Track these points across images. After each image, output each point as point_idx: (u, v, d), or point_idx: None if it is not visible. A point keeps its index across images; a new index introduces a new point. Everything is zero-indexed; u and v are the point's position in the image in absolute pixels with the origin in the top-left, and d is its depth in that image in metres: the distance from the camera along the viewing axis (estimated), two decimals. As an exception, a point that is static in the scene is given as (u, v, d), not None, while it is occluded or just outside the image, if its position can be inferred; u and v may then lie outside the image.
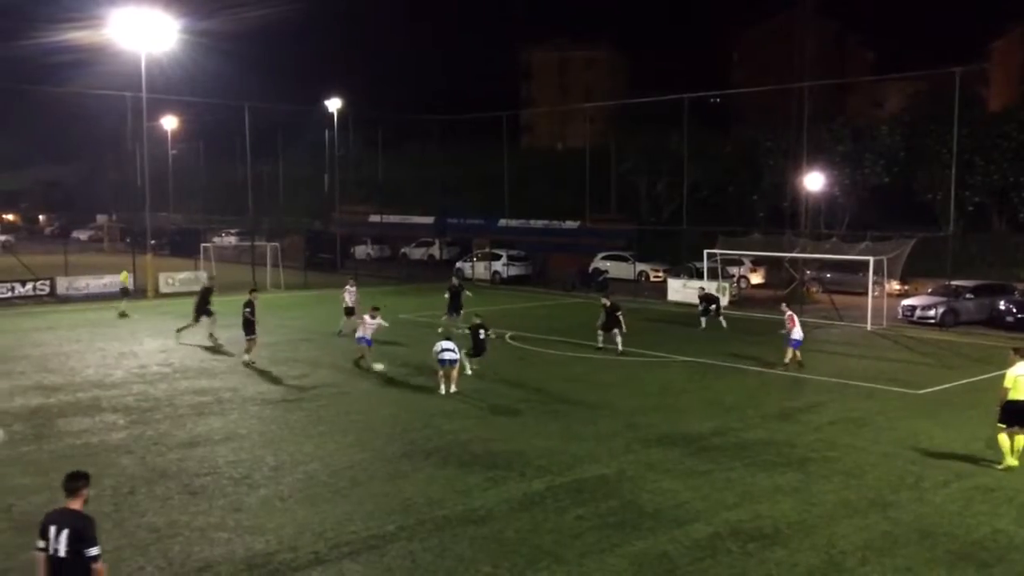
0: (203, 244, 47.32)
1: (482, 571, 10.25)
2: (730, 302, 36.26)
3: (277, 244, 46.45)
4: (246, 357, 22.97)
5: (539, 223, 58.12)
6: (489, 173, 66.02)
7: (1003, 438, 14.35)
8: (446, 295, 29.48)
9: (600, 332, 25.68)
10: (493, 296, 40.42)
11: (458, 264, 50.91)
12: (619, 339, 25.09)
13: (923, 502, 12.77)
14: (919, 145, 47.17)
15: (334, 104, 54.68)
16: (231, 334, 25.28)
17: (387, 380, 21.01)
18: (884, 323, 31.51)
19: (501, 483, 13.40)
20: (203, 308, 26.33)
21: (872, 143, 49.78)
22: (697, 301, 31.42)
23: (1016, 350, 14.69)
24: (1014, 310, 31.03)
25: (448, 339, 19.83)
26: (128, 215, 74.70)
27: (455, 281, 30.48)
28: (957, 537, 11.34)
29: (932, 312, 31.83)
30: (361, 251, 60.82)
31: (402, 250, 61.18)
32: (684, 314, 34.32)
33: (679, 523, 11.80)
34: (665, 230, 51.79)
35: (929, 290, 34.12)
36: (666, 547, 10.99)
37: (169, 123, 72.23)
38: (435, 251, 59.26)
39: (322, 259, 52.59)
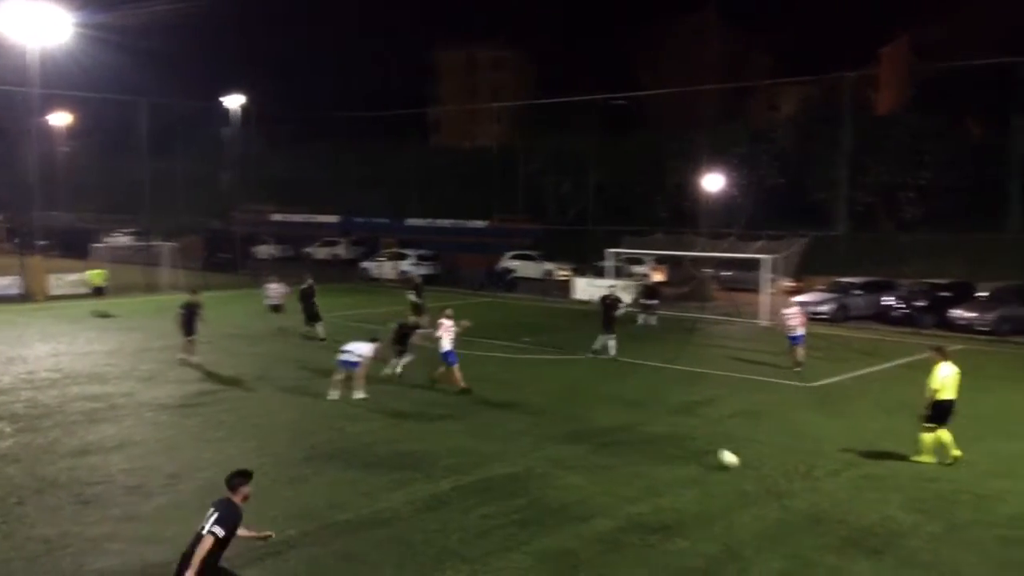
0: (94, 244, 45.56)
1: (386, 573, 10.18)
2: (633, 300, 36.93)
3: (175, 244, 45.11)
4: (184, 356, 22.38)
5: (447, 222, 58.05)
6: (397, 172, 65.64)
7: (928, 438, 14.54)
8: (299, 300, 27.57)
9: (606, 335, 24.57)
10: (401, 296, 40.15)
11: (363, 264, 50.42)
12: (611, 344, 24.43)
13: (816, 491, 13.26)
14: (812, 147, 48.94)
15: (235, 100, 53.37)
16: (134, 337, 24.37)
17: (289, 385, 20.63)
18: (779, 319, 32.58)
19: (407, 484, 13.31)
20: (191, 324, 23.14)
21: (768, 145, 51.43)
22: (598, 300, 31.61)
23: (937, 350, 15.05)
24: (900, 305, 32.49)
25: (373, 340, 19.34)
26: (14, 214, 71.31)
27: (308, 283, 27.59)
28: (848, 524, 11.81)
29: (824, 308, 33.08)
30: (264, 251, 59.51)
31: (305, 249, 60.13)
32: (591, 312, 34.77)
33: (584, 518, 11.96)
34: (571, 230, 52.41)
35: (821, 287, 35.43)
36: (570, 543, 11.12)
37: (62, 119, 69.24)
38: (340, 250, 58.52)
39: (221, 259, 51.25)
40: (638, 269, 42.06)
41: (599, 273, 39.48)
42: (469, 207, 56.82)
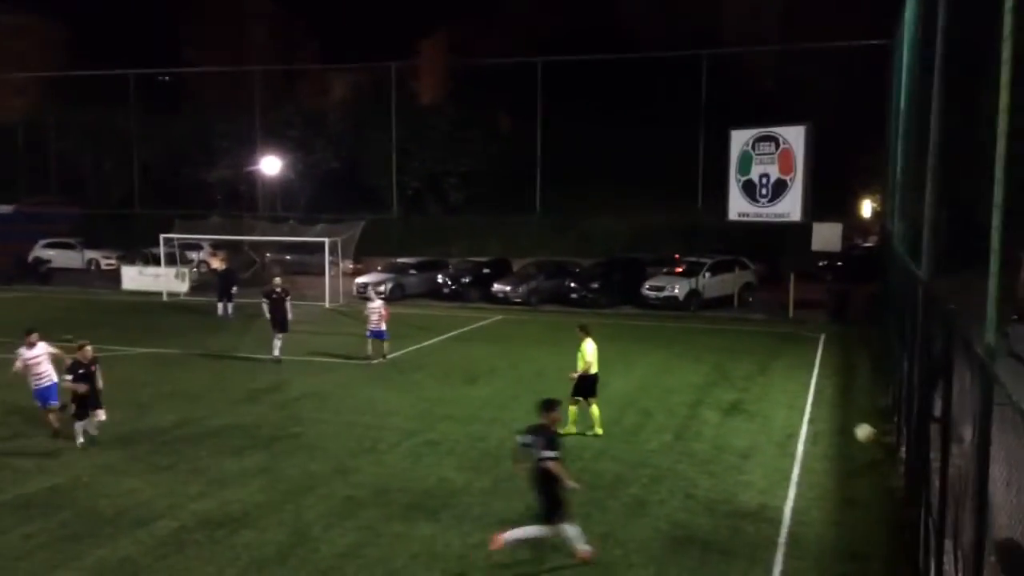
0: None
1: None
2: (191, 288, 35.32)
3: None
4: None
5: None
6: None
7: (573, 410, 15.40)
8: None
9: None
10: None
11: None
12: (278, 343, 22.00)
13: (379, 463, 13.86)
14: (364, 133, 50.62)
15: None
16: None
17: None
18: (341, 300, 33.39)
19: (-80, 515, 11.37)
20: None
21: (322, 129, 52.14)
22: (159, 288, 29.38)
23: (582, 328, 15.69)
24: (450, 282, 35.10)
25: None
26: None
27: None
28: (410, 490, 12.52)
29: (382, 288, 34.57)
30: None
31: None
32: (143, 303, 32.51)
33: (142, 523, 11.20)
34: (116, 214, 48.41)
35: (379, 268, 36.97)
36: (128, 550, 10.36)
37: None
38: None
39: None
40: (193, 255, 40.24)
41: (152, 261, 37.03)
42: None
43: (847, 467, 13.62)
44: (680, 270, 32.85)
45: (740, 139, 31.39)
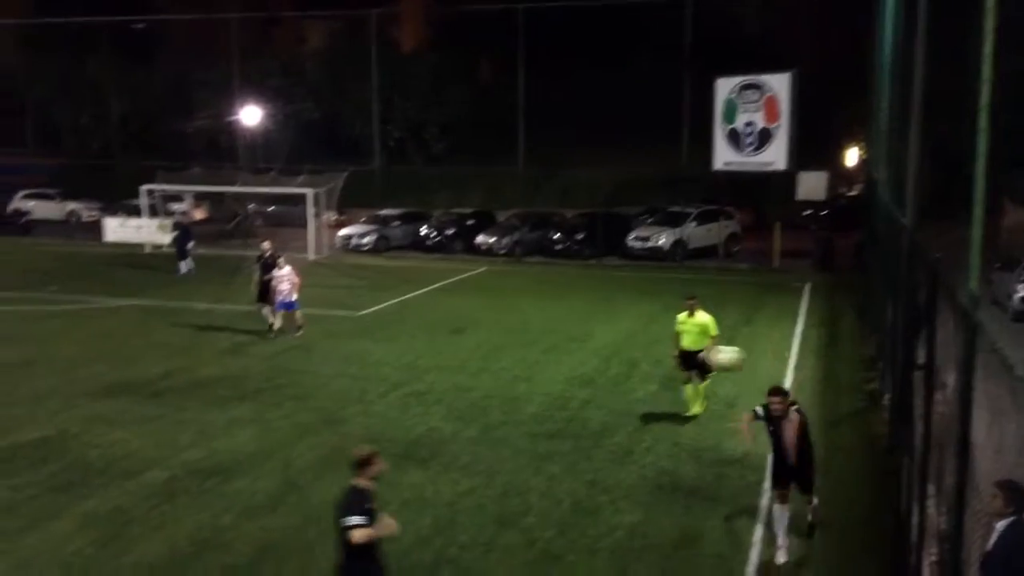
0: None
1: None
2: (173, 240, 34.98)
3: None
4: None
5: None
6: None
7: (691, 387, 13.68)
8: None
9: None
10: None
11: None
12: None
13: (368, 414, 13.95)
14: (344, 82, 49.87)
15: None
16: None
17: None
18: (325, 252, 33.26)
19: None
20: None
21: (302, 78, 51.33)
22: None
23: (691, 297, 13.69)
24: (434, 234, 34.98)
25: None
26: None
27: None
28: (398, 440, 12.62)
29: (366, 240, 34.44)
30: None
31: None
32: (125, 255, 32.25)
33: (132, 473, 11.28)
34: (96, 165, 47.77)
35: (363, 219, 36.76)
36: (119, 500, 10.44)
37: None
38: None
39: None
40: (177, 207, 39.80)
41: (133, 212, 36.65)
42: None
43: (832, 415, 13.81)
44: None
45: (725, 87, 31.14)
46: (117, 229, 35.97)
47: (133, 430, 12.96)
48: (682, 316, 13.66)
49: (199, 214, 42.19)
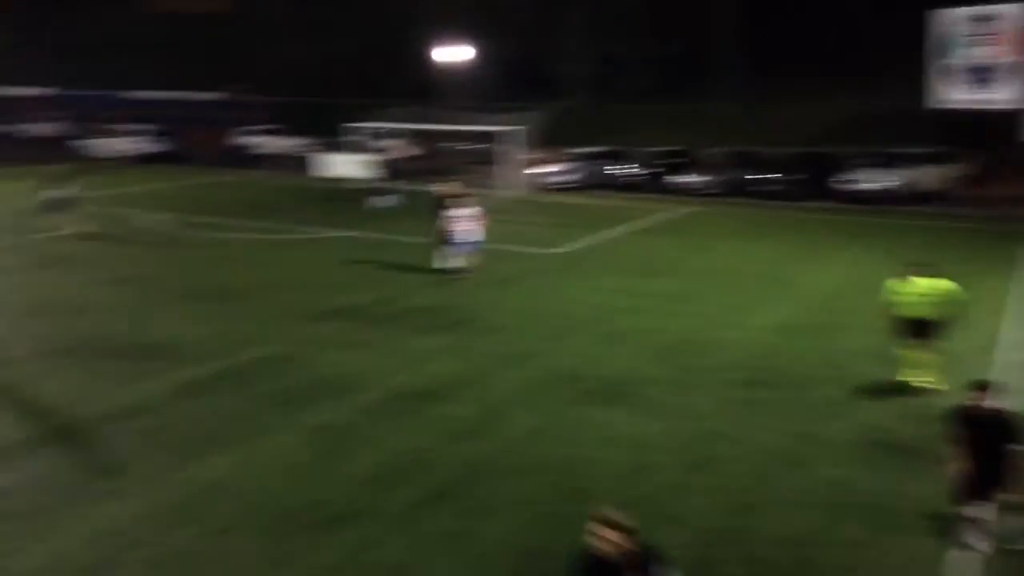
0: None
1: (147, 464, 9.73)
2: (385, 175, 36.13)
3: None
4: None
5: (175, 95, 53.67)
6: (109, 40, 59.49)
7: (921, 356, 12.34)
8: None
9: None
10: (140, 175, 37.34)
11: (79, 142, 45.73)
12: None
13: (562, 350, 14.08)
14: (547, 17, 49.63)
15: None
16: None
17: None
18: (522, 190, 33.59)
19: (156, 374, 12.69)
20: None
21: (505, 15, 51.60)
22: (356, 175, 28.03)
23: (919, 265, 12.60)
24: (633, 173, 34.47)
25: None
26: None
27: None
28: (593, 377, 12.70)
29: (564, 178, 34.45)
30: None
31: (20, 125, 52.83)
32: (335, 189, 34.04)
33: (347, 392, 12.04)
34: (312, 102, 50.38)
35: (560, 157, 36.65)
36: (338, 416, 11.18)
37: None
38: (48, 128, 52.34)
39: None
40: (385, 143, 41.29)
41: (344, 148, 38.44)
42: (191, 78, 52.87)
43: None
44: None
45: (948, 19, 28.54)
46: (329, 164, 37.93)
47: (347, 353, 13.78)
48: (902, 283, 12.34)
49: (406, 150, 43.62)
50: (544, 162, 36.46)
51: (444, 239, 19.28)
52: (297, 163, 41.49)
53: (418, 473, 9.66)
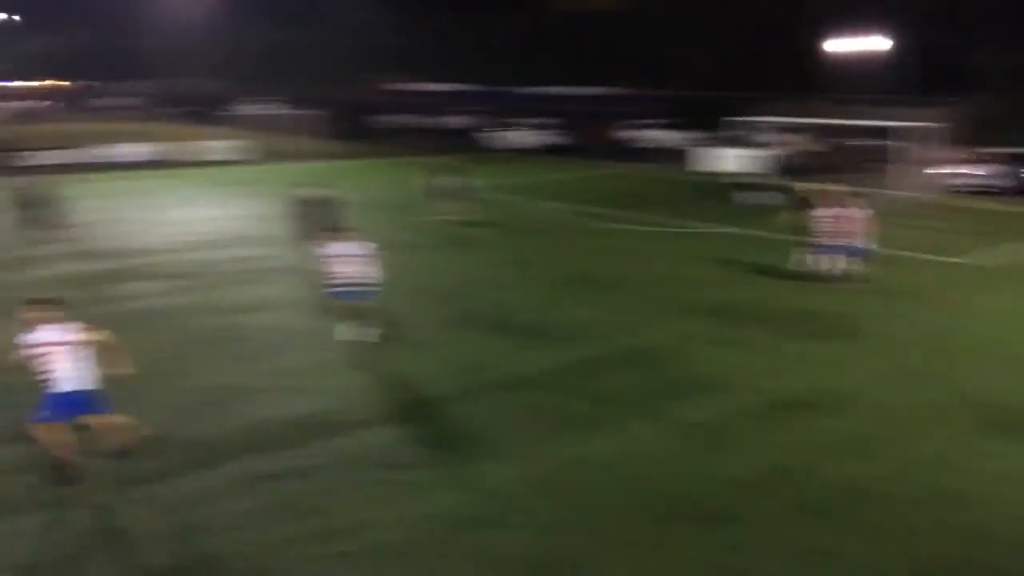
0: (227, 112, 46.93)
1: (526, 434, 10.47)
2: (783, 171, 34.72)
3: (320, 112, 46.26)
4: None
5: (567, 90, 56.62)
6: (504, 38, 64.18)
7: None
8: None
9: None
10: (533, 166, 40.34)
11: (478, 133, 49.89)
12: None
13: (955, 371, 12.76)
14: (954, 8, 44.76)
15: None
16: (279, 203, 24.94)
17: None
18: (924, 192, 30.65)
19: (546, 350, 13.56)
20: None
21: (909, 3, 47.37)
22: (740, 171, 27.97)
23: None
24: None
25: None
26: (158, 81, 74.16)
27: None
28: (1003, 406, 11.38)
29: (992, 182, 30.72)
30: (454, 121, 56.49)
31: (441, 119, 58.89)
32: (715, 184, 33.69)
33: (723, 391, 11.93)
34: (694, 96, 50.35)
35: (984, 157, 32.64)
36: (713, 414, 11.13)
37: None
38: (458, 120, 57.48)
39: (368, 128, 51.02)
40: (785, 139, 39.87)
41: (726, 143, 37.95)
42: (585, 73, 55.44)
43: None
44: None
45: None
46: (711, 158, 37.61)
47: (720, 350, 13.66)
48: None
49: (806, 146, 41.69)
50: (952, 162, 32.96)
51: (808, 240, 18.30)
52: (677, 156, 41.67)
53: (792, 484, 9.32)
